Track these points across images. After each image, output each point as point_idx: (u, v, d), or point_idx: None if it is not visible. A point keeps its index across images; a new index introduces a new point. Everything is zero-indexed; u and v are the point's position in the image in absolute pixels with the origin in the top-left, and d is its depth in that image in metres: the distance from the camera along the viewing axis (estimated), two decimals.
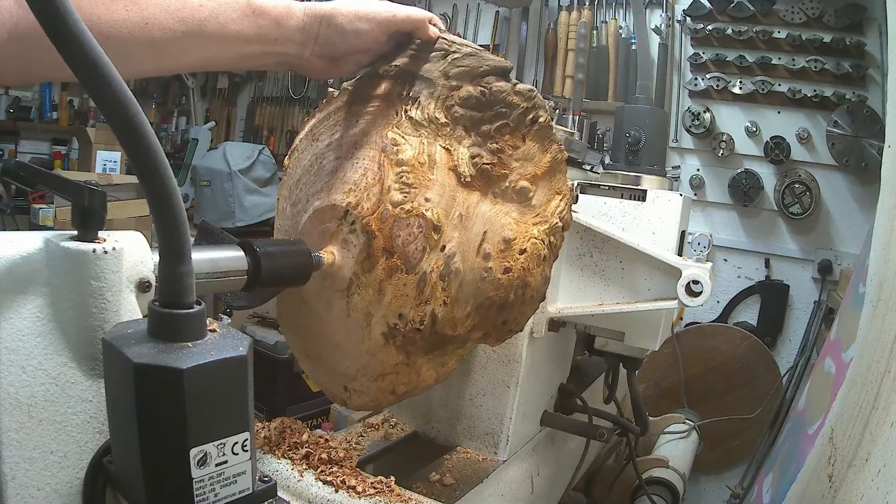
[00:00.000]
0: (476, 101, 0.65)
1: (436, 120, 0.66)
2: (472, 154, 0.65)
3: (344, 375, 0.74)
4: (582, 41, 2.69)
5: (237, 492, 0.43)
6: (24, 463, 0.44)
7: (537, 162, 0.66)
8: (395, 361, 0.69)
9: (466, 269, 0.64)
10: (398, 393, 0.72)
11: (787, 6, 2.32)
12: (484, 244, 0.64)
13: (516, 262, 0.64)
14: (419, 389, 0.73)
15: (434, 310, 0.64)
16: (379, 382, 0.71)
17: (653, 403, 2.25)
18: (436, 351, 0.70)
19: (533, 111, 0.65)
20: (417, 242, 0.63)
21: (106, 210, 0.46)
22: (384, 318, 0.66)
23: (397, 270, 0.64)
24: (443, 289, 0.64)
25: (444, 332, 0.66)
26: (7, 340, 0.43)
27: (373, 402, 0.74)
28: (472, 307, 0.66)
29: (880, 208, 1.04)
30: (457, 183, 0.65)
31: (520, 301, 0.66)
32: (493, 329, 0.69)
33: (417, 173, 0.64)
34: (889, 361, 0.86)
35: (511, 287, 0.65)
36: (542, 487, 1.02)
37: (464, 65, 0.66)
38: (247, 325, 2.69)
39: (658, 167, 1.07)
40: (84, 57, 0.35)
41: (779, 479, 1.31)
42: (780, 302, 2.42)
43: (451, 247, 0.64)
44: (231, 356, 0.42)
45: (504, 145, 0.65)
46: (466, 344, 0.72)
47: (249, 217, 3.34)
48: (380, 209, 0.64)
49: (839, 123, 2.22)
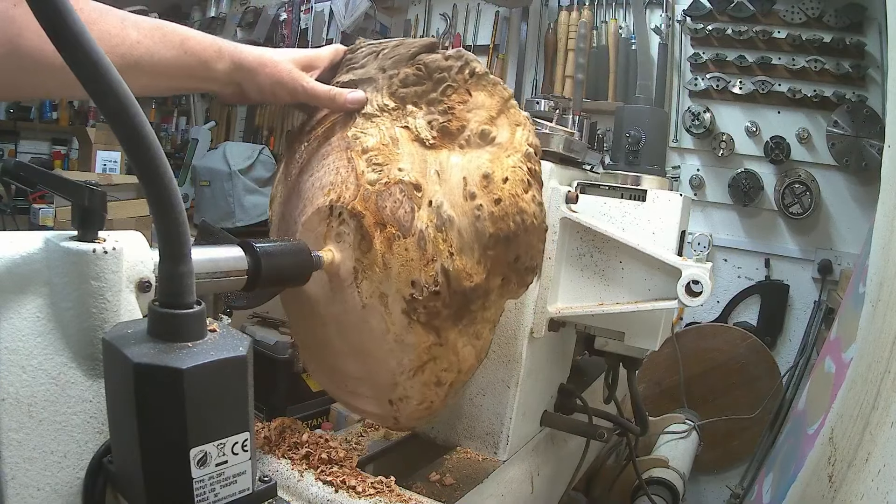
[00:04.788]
0: (415, 78, 0.70)
1: (386, 107, 0.71)
2: (427, 121, 0.68)
3: (384, 388, 0.73)
4: (582, 41, 2.69)
5: (237, 492, 0.43)
6: (24, 463, 0.44)
7: (489, 107, 0.68)
8: (426, 344, 0.68)
9: (459, 214, 0.65)
10: (444, 383, 0.70)
11: (787, 6, 2.32)
12: (467, 187, 0.65)
13: (503, 191, 0.65)
14: (464, 373, 0.72)
15: (443, 264, 0.64)
16: (420, 377, 0.70)
17: (653, 403, 2.25)
18: (464, 319, 0.68)
19: (467, 66, 0.69)
20: (404, 205, 0.65)
21: (106, 210, 0.46)
22: (399, 293, 0.66)
23: (394, 238, 0.65)
24: (443, 240, 0.64)
25: (461, 286, 0.65)
26: (7, 340, 0.43)
27: (422, 404, 0.72)
28: (479, 250, 0.65)
29: (880, 208, 1.04)
30: (424, 148, 0.68)
31: (522, 230, 0.65)
32: (510, 271, 0.67)
33: (385, 153, 0.68)
34: (889, 361, 0.86)
35: (507, 215, 0.64)
36: (542, 487, 1.02)
37: (394, 55, 0.72)
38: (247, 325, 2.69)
39: (658, 167, 1.07)
40: (84, 57, 0.35)
41: (779, 479, 1.31)
42: (780, 302, 2.42)
43: (437, 198, 0.65)
44: (231, 356, 0.42)
45: (453, 103, 0.68)
46: (490, 298, 0.69)
47: (249, 217, 3.33)
48: (360, 192, 0.67)
49: (839, 123, 2.22)
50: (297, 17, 3.48)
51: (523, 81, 2.97)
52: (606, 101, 2.69)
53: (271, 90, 0.73)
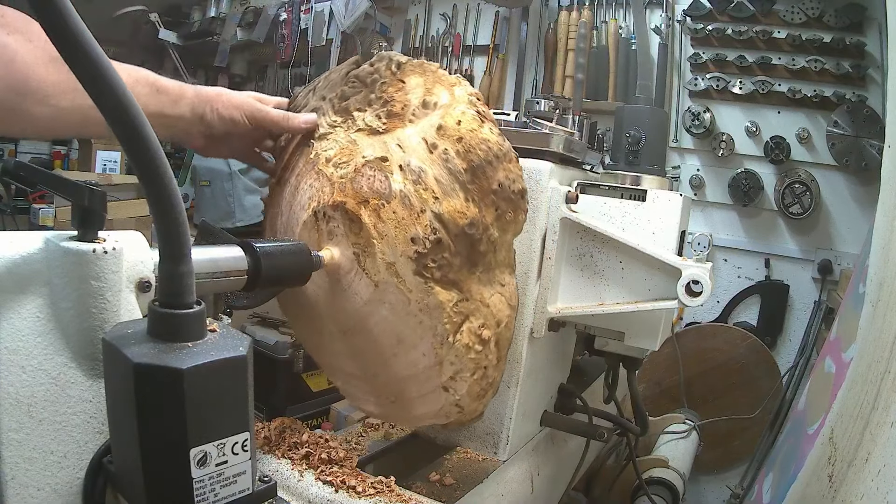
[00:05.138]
0: (352, 90, 0.77)
1: (335, 122, 0.77)
2: (375, 115, 0.74)
3: (431, 374, 0.72)
4: (582, 41, 2.69)
5: (237, 492, 0.43)
6: (24, 463, 0.44)
7: (423, 83, 0.74)
8: (452, 301, 0.68)
9: (429, 164, 0.69)
10: (488, 340, 0.70)
11: (787, 6, 2.32)
12: (428, 142, 0.70)
13: (460, 131, 0.69)
14: (504, 327, 0.72)
15: (433, 210, 0.67)
16: (460, 340, 0.69)
17: (653, 403, 2.25)
18: (478, 266, 0.70)
19: (391, 61, 0.75)
20: (377, 176, 0.69)
21: (106, 210, 0.46)
22: (404, 255, 0.67)
23: (380, 207, 0.68)
24: (424, 190, 0.68)
25: (458, 225, 0.67)
26: (7, 340, 0.43)
27: (476, 372, 0.71)
28: (461, 188, 0.69)
29: (880, 208, 1.04)
30: (379, 135, 0.73)
31: (492, 156, 0.69)
32: (499, 199, 0.70)
33: (347, 152, 0.73)
34: (889, 361, 0.86)
35: (472, 147, 0.68)
36: (542, 487, 1.02)
37: (328, 83, 0.80)
38: (247, 325, 2.69)
39: (658, 167, 1.07)
40: (84, 57, 0.35)
41: (779, 478, 1.31)
42: (780, 302, 2.42)
43: (404, 159, 0.70)
44: (231, 356, 0.42)
45: (391, 93, 0.74)
46: (493, 235, 0.71)
47: (249, 217, 3.33)
48: (335, 187, 0.71)
49: (839, 123, 2.22)
50: (297, 17, 3.48)
51: (523, 81, 2.97)
52: (606, 101, 2.68)
53: (230, 115, 0.79)
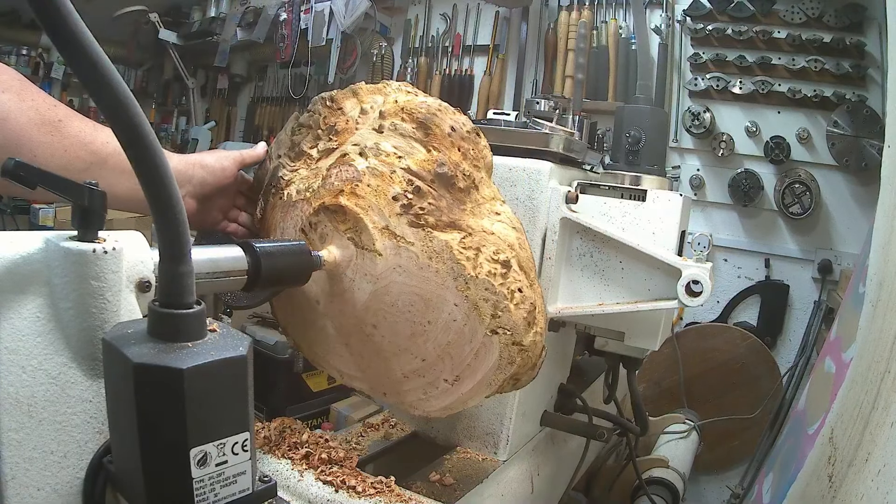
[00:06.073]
0: (299, 136, 0.82)
1: (294, 167, 0.81)
2: (325, 141, 0.79)
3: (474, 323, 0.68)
4: (582, 41, 2.69)
5: (237, 492, 0.43)
6: (24, 463, 0.44)
7: (357, 101, 0.79)
8: (456, 240, 0.68)
9: (383, 139, 0.72)
10: (507, 262, 0.69)
11: (787, 6, 2.32)
12: (376, 128, 0.73)
13: (398, 105, 0.73)
14: (518, 247, 0.71)
15: (401, 167, 0.70)
16: (483, 272, 0.67)
17: (653, 403, 2.25)
18: (466, 202, 0.71)
19: (324, 98, 0.81)
20: (343, 169, 0.72)
21: (106, 210, 0.46)
22: (392, 212, 0.68)
23: (354, 188, 0.70)
24: (386, 156, 0.71)
25: (430, 170, 0.70)
26: (7, 340, 0.43)
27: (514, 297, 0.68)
28: (419, 144, 0.71)
29: (880, 208, 1.04)
30: (334, 151, 0.76)
31: (434, 110, 0.72)
32: (456, 140, 0.72)
33: (313, 175, 0.77)
34: (889, 361, 0.86)
35: (414, 108, 0.72)
36: (542, 487, 1.02)
37: (278, 142, 0.85)
38: (247, 325, 2.68)
39: (658, 167, 1.07)
40: (84, 57, 0.35)
41: (779, 479, 1.31)
42: (780, 302, 2.42)
43: (360, 143, 0.73)
44: (231, 356, 0.42)
45: (333, 121, 0.79)
46: (466, 170, 0.71)
47: None
48: (311, 200, 0.74)
49: (839, 123, 2.22)
50: (297, 17, 3.48)
51: (523, 81, 2.97)
52: (606, 101, 2.68)
53: (218, 163, 0.85)
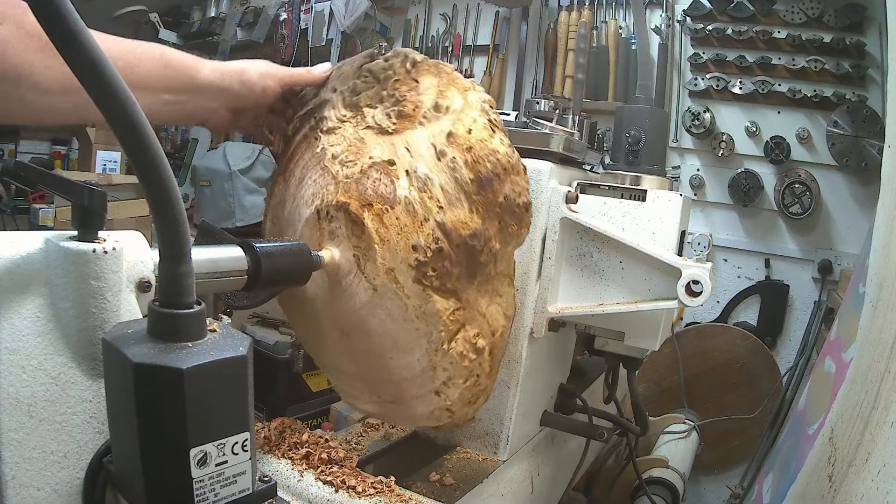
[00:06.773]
0: (364, 84, 0.75)
1: (344, 117, 0.75)
2: (385, 113, 0.73)
3: (424, 378, 0.72)
4: (582, 41, 2.69)
5: (237, 492, 0.43)
6: (24, 463, 0.44)
7: (437, 84, 0.72)
8: (449, 310, 0.68)
9: (436, 172, 0.67)
10: (481, 349, 0.70)
11: (787, 6, 2.32)
12: (437, 149, 0.68)
13: (470, 140, 0.68)
14: (499, 336, 0.71)
15: (437, 220, 0.66)
16: (454, 348, 0.69)
17: (653, 403, 2.25)
18: (477, 276, 0.69)
19: (407, 58, 0.73)
20: (383, 181, 0.68)
21: (106, 210, 0.46)
22: (404, 262, 0.66)
23: (383, 212, 0.67)
24: (429, 198, 0.67)
25: (460, 236, 0.66)
26: (7, 340, 0.43)
27: (469, 379, 0.71)
28: (466, 199, 0.67)
29: (880, 208, 1.04)
30: (388, 135, 0.71)
31: (500, 169, 0.68)
32: (503, 212, 0.69)
33: (354, 150, 0.72)
34: (889, 361, 0.86)
35: (481, 159, 0.67)
36: (542, 487, 1.02)
37: (340, 72, 0.78)
38: (247, 325, 2.68)
39: (658, 167, 1.07)
40: (84, 57, 0.35)
41: (779, 479, 1.31)
42: (780, 302, 2.42)
43: (412, 164, 0.68)
44: (231, 356, 0.42)
45: (403, 92, 0.72)
46: (495, 247, 0.70)
47: (249, 217, 3.33)
48: (340, 187, 0.70)
49: (839, 123, 2.21)
50: (297, 17, 3.48)
51: (523, 81, 2.97)
52: (606, 101, 2.68)
53: (262, 81, 0.78)
